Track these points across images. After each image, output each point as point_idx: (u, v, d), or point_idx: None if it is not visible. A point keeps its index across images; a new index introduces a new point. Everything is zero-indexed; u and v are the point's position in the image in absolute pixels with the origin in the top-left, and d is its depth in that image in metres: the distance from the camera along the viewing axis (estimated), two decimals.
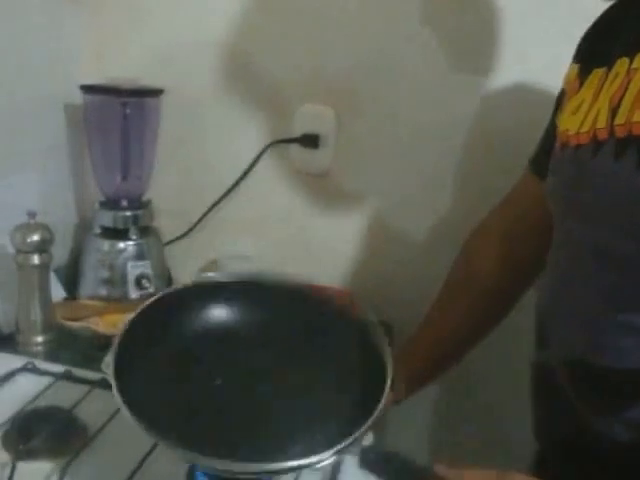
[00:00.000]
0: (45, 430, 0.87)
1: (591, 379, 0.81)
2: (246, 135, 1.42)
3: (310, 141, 1.38)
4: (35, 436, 0.86)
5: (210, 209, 1.46)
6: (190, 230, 1.48)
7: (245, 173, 1.43)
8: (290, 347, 0.86)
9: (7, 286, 1.19)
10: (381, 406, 0.72)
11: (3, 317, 1.19)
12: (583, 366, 0.81)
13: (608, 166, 0.77)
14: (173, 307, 0.87)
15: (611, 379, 0.78)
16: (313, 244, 1.44)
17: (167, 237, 1.48)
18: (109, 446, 0.80)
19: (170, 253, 1.47)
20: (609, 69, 0.83)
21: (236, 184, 1.44)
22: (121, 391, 0.72)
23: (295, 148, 1.39)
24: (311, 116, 1.37)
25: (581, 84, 0.88)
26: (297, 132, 1.38)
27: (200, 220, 1.47)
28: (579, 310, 0.82)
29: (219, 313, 0.89)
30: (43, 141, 1.37)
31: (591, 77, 0.86)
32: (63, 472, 0.79)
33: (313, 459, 0.66)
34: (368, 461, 0.69)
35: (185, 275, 1.47)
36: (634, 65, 0.78)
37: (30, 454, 0.84)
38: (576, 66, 0.92)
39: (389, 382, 0.75)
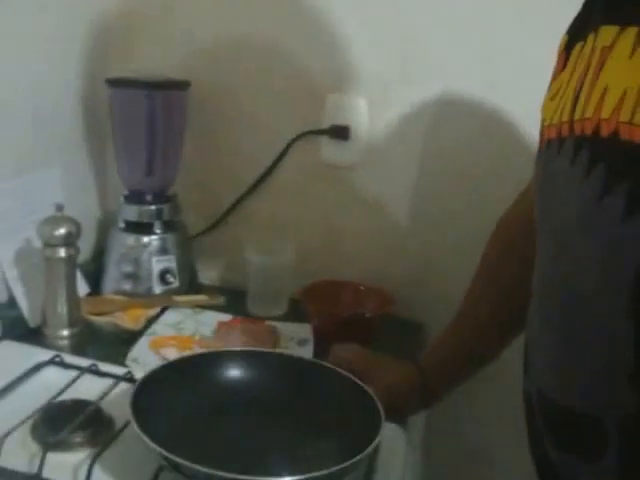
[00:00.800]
0: (73, 422, 0.87)
1: (556, 417, 0.74)
2: (273, 127, 1.41)
3: (340, 132, 1.37)
4: (64, 428, 0.85)
5: (237, 202, 1.46)
6: (216, 224, 1.48)
7: (272, 166, 1.42)
8: (289, 399, 0.95)
9: (33, 280, 1.21)
10: (375, 442, 0.78)
11: (30, 311, 1.20)
12: (551, 402, 0.74)
13: (565, 170, 0.69)
14: (195, 363, 0.98)
15: (576, 420, 0.70)
16: (341, 238, 1.44)
17: (193, 231, 1.47)
18: (136, 439, 0.79)
19: (195, 248, 1.47)
20: (584, 44, 0.71)
21: (263, 177, 1.43)
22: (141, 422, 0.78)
23: (324, 140, 1.39)
24: (341, 107, 1.36)
25: (566, 61, 0.76)
26: (326, 123, 1.38)
27: (226, 214, 1.47)
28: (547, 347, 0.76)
29: (234, 373, 0.98)
30: (68, 136, 1.38)
31: (573, 53, 0.74)
32: (92, 463, 0.79)
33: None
34: None
35: (210, 270, 1.47)
36: (596, 43, 0.67)
37: (59, 445, 0.84)
38: (565, 37, 0.79)
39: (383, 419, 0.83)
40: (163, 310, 1.31)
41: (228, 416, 0.92)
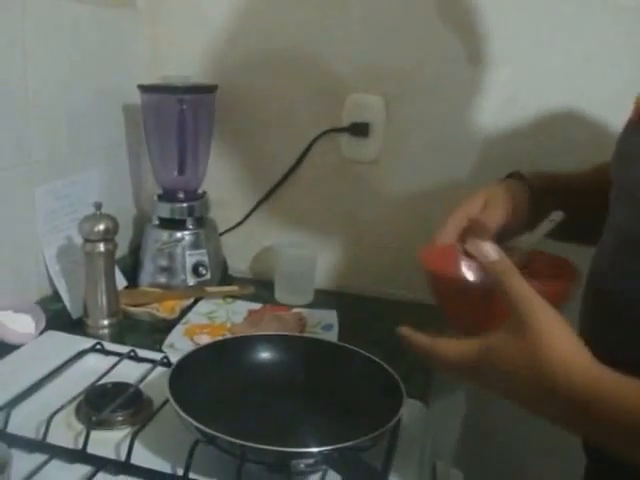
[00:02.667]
0: (114, 402, 0.93)
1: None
2: (297, 127, 1.46)
3: (360, 130, 1.42)
4: (106, 408, 0.91)
5: (264, 198, 1.52)
6: (244, 220, 1.54)
7: (297, 163, 1.48)
8: (315, 379, 0.99)
9: (75, 275, 1.27)
10: (397, 417, 0.84)
11: (72, 304, 1.26)
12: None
13: None
14: (228, 347, 1.03)
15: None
16: (363, 229, 1.49)
17: (222, 227, 1.53)
18: (173, 417, 0.86)
19: (226, 243, 1.53)
20: None
21: (288, 174, 1.49)
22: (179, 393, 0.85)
23: (345, 137, 1.44)
24: (360, 105, 1.42)
25: None
26: (346, 121, 1.43)
27: (253, 210, 1.53)
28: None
29: (263, 355, 1.03)
30: (104, 139, 1.44)
31: None
32: (133, 439, 0.84)
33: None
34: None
35: (240, 262, 1.53)
36: None
37: (102, 424, 0.90)
38: None
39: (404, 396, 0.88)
40: (196, 301, 1.37)
41: (258, 395, 0.97)
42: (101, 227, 1.17)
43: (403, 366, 0.95)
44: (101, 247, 1.18)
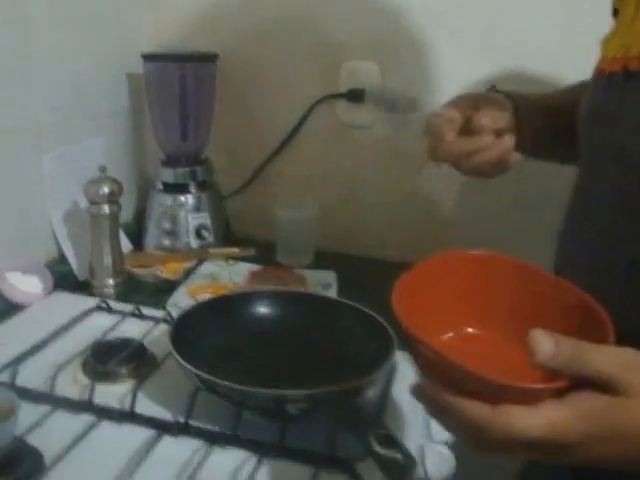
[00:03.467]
0: (119, 357, 0.96)
1: None
2: (295, 93, 1.49)
3: (356, 96, 1.44)
4: (110, 362, 0.95)
5: (264, 163, 1.55)
6: (246, 185, 1.57)
7: (296, 128, 1.50)
8: (312, 332, 1.02)
9: (80, 239, 1.30)
10: (388, 364, 0.87)
11: (78, 266, 1.30)
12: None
13: (637, 102, 0.70)
14: (228, 302, 1.06)
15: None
16: (360, 192, 1.52)
17: (225, 191, 1.56)
18: (175, 369, 0.89)
19: (228, 207, 1.56)
20: None
21: (288, 139, 1.52)
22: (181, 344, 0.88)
23: (342, 103, 1.46)
24: (357, 72, 1.44)
25: None
26: (343, 88, 1.45)
27: (255, 174, 1.56)
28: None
29: (263, 310, 1.05)
30: (108, 107, 1.48)
31: None
32: (136, 390, 0.88)
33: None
34: None
35: (242, 226, 1.56)
36: None
37: (107, 376, 0.94)
38: None
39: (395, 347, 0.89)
40: (199, 263, 1.40)
41: (257, 348, 0.99)
42: (106, 189, 1.20)
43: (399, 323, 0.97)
44: (106, 209, 1.21)
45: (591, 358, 0.53)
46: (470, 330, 0.68)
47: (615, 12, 0.82)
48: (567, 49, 1.26)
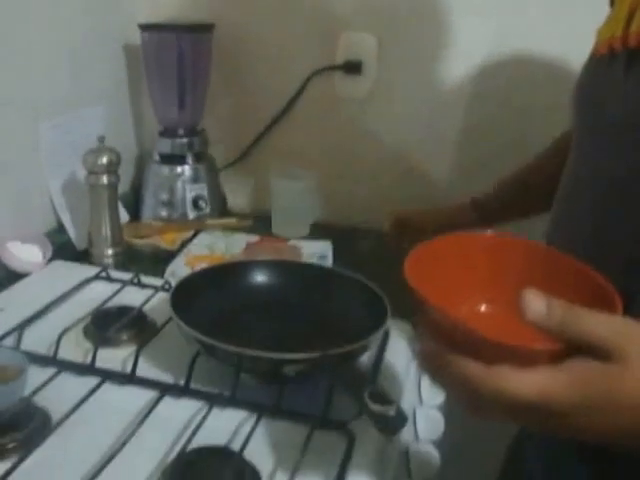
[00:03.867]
0: (120, 323, 0.99)
1: None
2: (292, 65, 1.50)
3: (353, 68, 1.46)
4: (111, 328, 0.97)
5: (261, 135, 1.56)
6: (242, 157, 1.59)
7: (292, 100, 1.52)
8: (308, 300, 1.04)
9: (78, 208, 1.33)
10: (382, 330, 0.89)
11: (76, 236, 1.32)
12: None
13: (617, 80, 0.71)
14: (226, 271, 1.07)
15: None
16: (356, 163, 1.54)
17: (221, 163, 1.58)
18: (174, 335, 0.92)
19: (225, 179, 1.58)
20: None
21: (284, 111, 1.53)
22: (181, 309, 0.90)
23: (339, 75, 1.48)
24: (354, 44, 1.45)
25: None
26: (340, 60, 1.47)
27: (251, 147, 1.57)
28: (574, 236, 0.76)
29: (260, 278, 1.08)
30: (105, 78, 1.49)
31: None
32: (137, 354, 0.90)
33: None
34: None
35: (238, 197, 1.58)
36: None
37: (108, 342, 0.96)
38: None
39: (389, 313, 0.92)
40: (196, 233, 1.42)
41: (254, 315, 1.02)
42: (104, 160, 1.22)
43: (393, 292, 0.98)
44: (105, 179, 1.23)
45: (584, 322, 0.52)
46: (482, 308, 0.69)
47: (612, 1, 0.84)
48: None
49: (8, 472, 0.69)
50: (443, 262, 0.66)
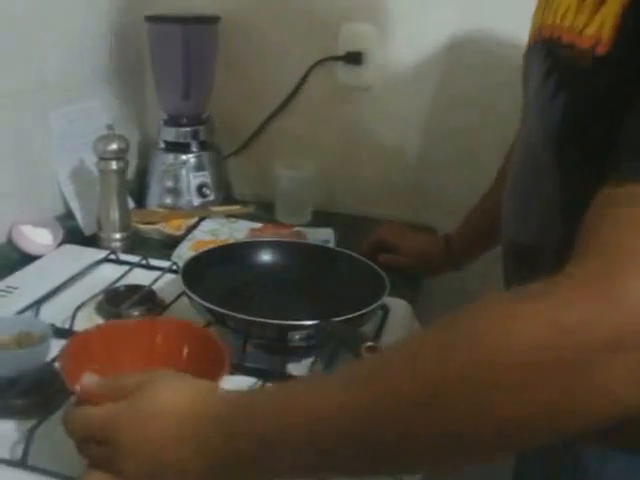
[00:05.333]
0: (131, 299, 1.03)
1: (522, 260, 0.83)
2: (294, 56, 1.53)
3: (354, 58, 1.49)
4: (123, 305, 1.01)
5: (264, 124, 1.59)
6: (246, 144, 1.61)
7: (295, 90, 1.55)
8: (312, 277, 1.09)
9: (86, 195, 1.36)
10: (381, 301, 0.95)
11: (84, 221, 1.35)
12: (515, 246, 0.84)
13: (534, 71, 0.77)
14: (233, 250, 1.14)
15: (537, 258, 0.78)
16: (357, 152, 1.56)
17: (226, 151, 1.61)
18: (184, 310, 0.95)
19: (229, 167, 1.61)
20: None
21: (286, 100, 1.56)
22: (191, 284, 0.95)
23: (340, 65, 1.51)
24: (355, 34, 1.48)
25: None
26: (341, 50, 1.50)
27: (255, 135, 1.60)
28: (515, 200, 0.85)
29: (265, 257, 1.13)
30: (112, 68, 1.52)
31: None
32: None
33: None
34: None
35: (242, 185, 1.62)
36: None
37: (120, 317, 1.00)
38: None
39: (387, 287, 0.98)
40: (201, 220, 1.44)
41: (260, 290, 1.06)
42: (114, 146, 1.25)
43: (390, 275, 1.03)
44: (114, 165, 1.26)
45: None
46: None
47: None
48: None
49: (34, 427, 0.73)
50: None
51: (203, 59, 1.52)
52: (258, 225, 1.43)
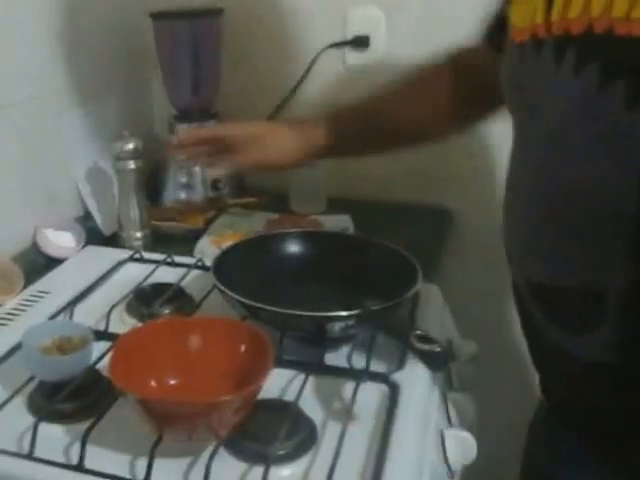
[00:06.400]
0: (161, 298, 1.03)
1: (549, 299, 0.78)
2: (301, 41, 1.53)
3: (361, 42, 1.50)
4: (153, 303, 1.02)
5: (274, 112, 1.58)
6: None
7: (303, 77, 1.55)
8: (340, 266, 1.08)
9: (103, 196, 1.38)
10: (414, 290, 0.95)
11: (103, 222, 1.37)
12: (540, 287, 0.79)
13: (550, 70, 0.71)
14: (261, 242, 1.15)
15: (568, 299, 0.75)
16: None
17: None
18: (215, 306, 0.97)
19: None
20: None
21: (295, 88, 1.56)
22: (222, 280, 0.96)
23: (347, 50, 1.52)
24: (362, 18, 1.49)
25: None
26: (349, 35, 1.50)
27: None
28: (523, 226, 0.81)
29: (293, 248, 1.13)
30: (122, 67, 1.53)
31: None
32: None
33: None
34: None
35: (256, 178, 1.62)
36: None
37: (152, 316, 1.00)
38: None
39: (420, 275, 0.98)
40: (217, 214, 1.45)
41: (291, 282, 1.07)
42: (131, 146, 1.27)
43: (420, 260, 1.04)
44: (131, 164, 1.28)
45: None
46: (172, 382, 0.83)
47: None
48: None
49: (89, 430, 0.74)
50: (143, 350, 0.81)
51: (210, 52, 1.52)
52: (275, 216, 1.44)
